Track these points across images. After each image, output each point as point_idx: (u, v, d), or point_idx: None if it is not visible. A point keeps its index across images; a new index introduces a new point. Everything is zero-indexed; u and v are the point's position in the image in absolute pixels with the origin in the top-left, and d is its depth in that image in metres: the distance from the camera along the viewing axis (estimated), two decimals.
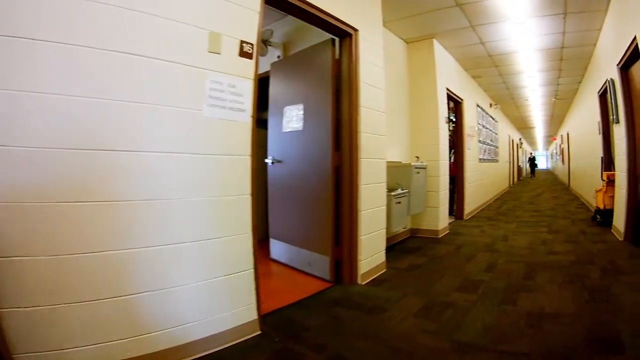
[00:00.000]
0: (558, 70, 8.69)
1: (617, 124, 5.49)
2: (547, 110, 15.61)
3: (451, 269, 4.35)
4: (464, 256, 4.93)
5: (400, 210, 5.06)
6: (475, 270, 4.26)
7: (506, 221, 7.69)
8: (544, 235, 6.00)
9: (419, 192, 5.59)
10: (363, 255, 3.89)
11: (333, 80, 3.90)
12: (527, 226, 7.00)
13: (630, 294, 3.24)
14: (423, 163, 5.84)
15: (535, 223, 7.29)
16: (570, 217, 7.94)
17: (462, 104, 7.92)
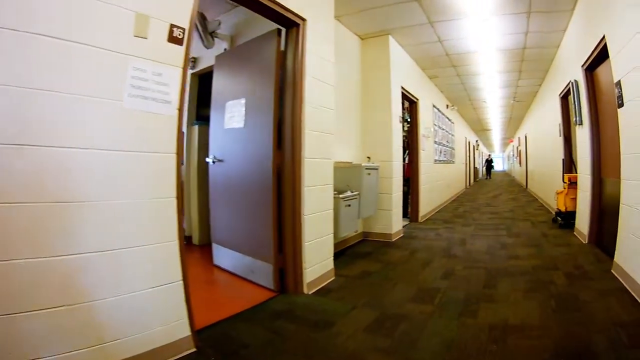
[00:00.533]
0: (518, 72, 8.85)
1: (579, 126, 5.58)
2: (505, 113, 16.07)
3: (405, 277, 4.19)
4: (419, 262, 4.79)
5: (350, 214, 4.90)
6: (432, 277, 4.11)
7: (463, 224, 7.69)
8: (504, 239, 5.98)
9: (370, 194, 5.46)
10: (308, 263, 3.68)
11: (277, 73, 3.67)
12: (485, 229, 6.99)
13: (601, 301, 3.16)
14: (375, 164, 5.72)
15: (494, 226, 7.33)
16: (530, 219, 8.09)
17: (417, 104, 7.91)
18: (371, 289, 3.80)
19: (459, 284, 3.86)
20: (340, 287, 3.85)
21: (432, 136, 9.39)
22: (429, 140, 8.94)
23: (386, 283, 3.96)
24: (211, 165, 4.53)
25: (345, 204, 4.76)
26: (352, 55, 6.10)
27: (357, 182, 5.16)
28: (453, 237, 6.23)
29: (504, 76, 9.39)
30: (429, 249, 5.41)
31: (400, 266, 4.63)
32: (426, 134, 8.46)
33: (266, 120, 3.70)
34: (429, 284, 3.87)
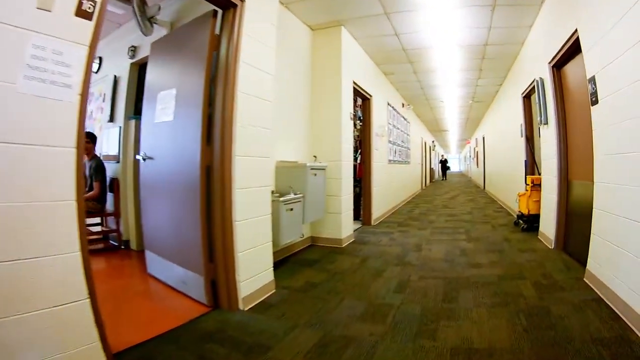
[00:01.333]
0: (479, 70, 8.89)
1: (545, 126, 5.55)
2: (463, 113, 16.38)
3: (354, 289, 3.90)
4: (370, 271, 4.51)
5: (293, 219, 4.63)
6: (384, 290, 3.82)
7: (419, 227, 7.54)
8: (463, 244, 5.81)
9: (316, 196, 5.22)
10: (243, 275, 3.37)
11: (209, 59, 3.36)
12: (442, 233, 6.83)
13: (577, 316, 2.96)
14: (322, 163, 5.48)
15: (452, 229, 7.20)
16: (490, 221, 8.05)
17: (370, 101, 7.76)
18: (315, 304, 3.48)
19: (414, 297, 3.58)
20: (281, 302, 3.55)
21: (387, 135, 9.31)
22: (383, 139, 8.84)
23: (332, 297, 3.66)
24: (142, 163, 4.19)
25: (287, 208, 4.49)
26: (301, 47, 5.84)
27: (301, 183, 4.90)
28: (408, 242, 6.03)
29: (463, 75, 9.43)
30: (382, 256, 5.19)
31: (349, 276, 4.36)
32: (380, 133, 8.33)
33: (195, 113, 3.37)
34: (380, 298, 3.58)
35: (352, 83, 6.39)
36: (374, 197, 7.81)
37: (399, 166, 11.42)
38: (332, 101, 5.92)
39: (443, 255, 5.12)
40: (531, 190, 6.34)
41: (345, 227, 5.97)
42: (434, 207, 11.25)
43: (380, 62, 8.28)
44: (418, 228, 7.41)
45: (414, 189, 15.34)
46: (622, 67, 2.90)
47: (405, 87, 10.96)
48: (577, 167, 4.65)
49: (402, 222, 8.17)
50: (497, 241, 5.94)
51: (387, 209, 9.36)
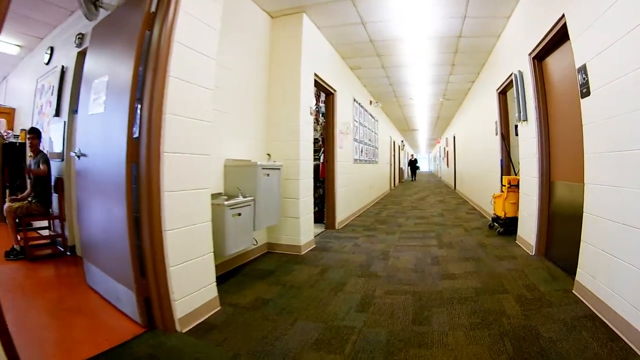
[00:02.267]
0: (451, 65, 8.63)
1: (523, 122, 5.32)
2: (434, 112, 16.27)
3: (310, 307, 3.46)
4: (330, 284, 4.06)
5: (241, 225, 4.21)
6: (344, 308, 3.40)
7: (387, 231, 7.19)
8: (435, 250, 5.46)
9: (269, 199, 4.81)
10: (178, 293, 2.95)
11: (140, 40, 2.95)
12: (412, 238, 6.47)
13: (571, 338, 2.62)
14: (276, 163, 5.05)
15: (422, 233, 6.86)
16: (463, 224, 7.76)
17: (334, 96, 7.41)
18: (264, 326, 3.06)
19: (379, 318, 3.16)
20: (224, 323, 3.12)
21: (352, 133, 8.98)
22: (348, 137, 8.50)
23: (284, 317, 3.23)
24: (76, 160, 3.83)
25: (233, 213, 4.06)
26: (259, 35, 5.44)
27: (251, 185, 4.48)
28: (374, 249, 5.66)
29: (434, 70, 9.17)
30: (345, 265, 4.79)
31: (306, 291, 3.93)
32: (344, 130, 7.99)
33: (124, 102, 2.95)
34: (339, 320, 3.16)
35: (313, 75, 6.01)
36: (338, 199, 7.46)
37: (366, 166, 11.13)
38: (290, 94, 5.52)
39: (412, 265, 4.75)
40: (507, 192, 6.11)
41: (304, 233, 5.58)
42: (402, 208, 10.97)
43: (347, 56, 7.94)
44: (386, 232, 7.07)
45: (382, 190, 15.12)
46: (622, 51, 2.62)
47: (374, 84, 10.66)
48: (560, 166, 4.43)
49: (368, 226, 7.83)
50: (472, 247, 5.62)
51: (353, 211, 9.05)
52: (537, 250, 4.86)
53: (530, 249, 5.03)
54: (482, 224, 7.57)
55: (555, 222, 4.58)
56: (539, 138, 4.75)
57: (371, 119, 12.13)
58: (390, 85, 10.82)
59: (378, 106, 12.82)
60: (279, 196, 5.08)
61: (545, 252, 4.78)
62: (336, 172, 7.34)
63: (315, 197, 7.98)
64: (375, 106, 12.57)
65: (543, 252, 4.80)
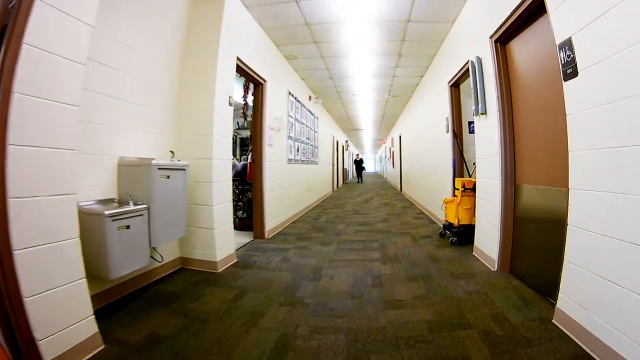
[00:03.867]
0: (397, 55, 8.12)
1: (482, 116, 4.83)
2: (379, 110, 15.88)
3: (212, 351, 2.72)
4: (244, 316, 3.32)
5: (130, 240, 3.43)
6: (255, 355, 2.67)
7: (323, 241, 6.48)
8: (377, 267, 4.77)
9: (171, 207, 4.05)
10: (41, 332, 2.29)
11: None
12: (351, 250, 5.78)
13: None
14: (179, 162, 4.28)
15: (363, 243, 6.20)
16: (410, 231, 7.16)
17: (264, 87, 6.67)
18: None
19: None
20: None
21: (286, 130, 8.25)
22: (281, 134, 7.79)
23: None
24: None
25: (119, 226, 3.29)
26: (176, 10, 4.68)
27: (145, 189, 3.71)
28: (305, 265, 4.94)
29: (379, 61, 8.62)
30: (267, 288, 4.05)
31: (213, 325, 3.18)
32: (276, 126, 7.24)
33: None
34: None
35: (235, 60, 5.27)
36: (267, 204, 6.74)
37: (304, 166, 10.48)
38: (204, 80, 4.75)
39: (349, 287, 4.05)
40: (461, 196, 5.58)
41: (221, 247, 4.83)
42: (344, 212, 10.38)
43: (281, 42, 7.24)
44: (321, 242, 6.38)
45: (323, 192, 14.55)
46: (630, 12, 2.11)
47: (313, 76, 10.02)
48: (528, 167, 3.95)
49: (303, 234, 7.14)
50: (421, 261, 4.98)
51: (288, 216, 8.39)
52: (500, 265, 4.36)
53: (491, 264, 4.52)
54: (432, 231, 7.05)
55: (522, 233, 4.10)
56: (502, 134, 4.28)
57: (310, 115, 11.50)
58: (330, 79, 10.22)
59: (319, 102, 12.18)
60: (185, 203, 4.31)
61: (510, 267, 4.29)
62: (264, 174, 6.62)
63: (244, 202, 7.25)
64: (316, 102, 11.94)
65: (507, 267, 4.31)
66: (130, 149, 3.93)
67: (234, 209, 7.46)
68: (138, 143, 4.08)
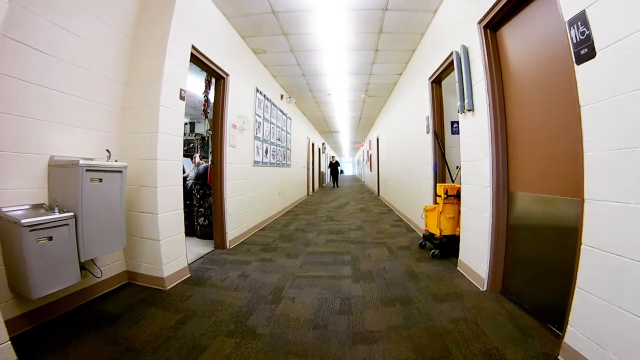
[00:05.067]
0: (374, 50, 7.71)
1: (468, 113, 4.42)
2: (356, 111, 15.56)
3: None
4: (183, 349, 2.82)
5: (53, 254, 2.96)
6: None
7: (289, 252, 5.95)
8: (348, 286, 4.26)
9: (104, 215, 3.52)
10: None
11: None
12: (319, 263, 5.26)
13: None
14: (116, 163, 3.74)
15: (334, 256, 5.67)
16: (386, 241, 6.65)
17: (225, 81, 6.19)
18: None
19: None
20: None
21: (252, 130, 7.72)
22: (246, 134, 7.27)
23: None
24: None
25: (39, 237, 2.83)
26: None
27: (72, 194, 3.21)
28: (265, 282, 4.43)
29: (355, 57, 8.20)
30: (216, 312, 3.55)
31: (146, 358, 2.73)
32: (239, 125, 6.68)
33: None
34: None
35: (190, 48, 4.77)
36: (229, 211, 6.24)
37: (273, 169, 9.98)
38: (150, 69, 4.25)
39: (312, 312, 3.54)
40: (444, 204, 5.08)
41: (170, 260, 4.32)
42: (316, 219, 9.85)
43: (247, 34, 6.76)
44: (287, 254, 5.85)
45: (297, 196, 14.10)
46: None
47: (284, 73, 9.57)
48: (524, 172, 3.54)
49: (269, 244, 6.61)
50: (399, 279, 4.47)
51: (254, 223, 7.89)
52: (490, 285, 3.93)
53: (479, 282, 4.09)
54: (410, 242, 6.58)
55: (517, 248, 3.66)
56: (493, 133, 3.86)
57: (282, 115, 11.00)
58: (303, 77, 9.77)
59: (291, 102, 11.73)
60: (122, 210, 3.77)
61: (502, 286, 3.87)
62: (225, 177, 6.10)
63: (205, 207, 6.66)
64: (288, 102, 11.48)
65: (499, 286, 3.89)
66: (68, 148, 3.48)
67: (195, 215, 6.88)
68: (77, 141, 3.62)
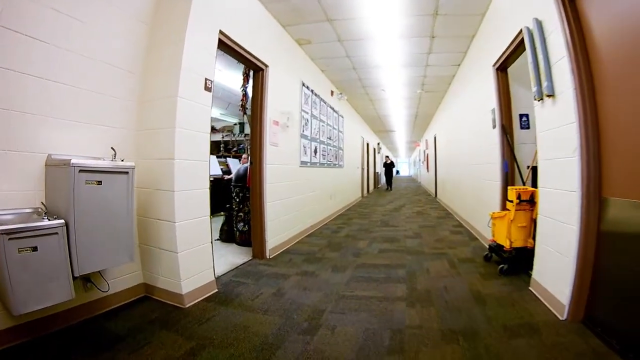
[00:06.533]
0: (430, 37, 6.88)
1: (547, 100, 3.58)
2: (411, 108, 14.69)
3: None
4: None
5: (38, 267, 2.54)
6: None
7: (336, 264, 5.22)
8: (401, 311, 3.49)
9: (104, 223, 2.99)
10: None
11: None
12: (369, 280, 4.46)
13: None
14: (121, 163, 3.18)
15: (387, 270, 4.86)
16: (447, 252, 5.82)
17: (265, 73, 5.61)
18: None
19: None
20: None
21: (298, 127, 7.13)
22: (291, 132, 6.69)
23: None
24: None
25: (21, 247, 2.42)
26: None
27: (64, 198, 2.75)
28: (302, 303, 3.73)
29: (408, 45, 7.38)
30: (237, 341, 2.93)
31: None
32: (283, 122, 6.11)
33: None
34: None
35: (217, 34, 4.21)
36: (269, 217, 5.65)
37: (324, 170, 9.39)
38: (169, 57, 3.72)
39: (354, 349, 2.79)
40: (516, 211, 4.24)
41: (190, 276, 3.76)
42: (370, 224, 9.11)
43: (287, 21, 6.17)
44: (333, 266, 5.14)
45: (350, 198, 13.51)
46: None
47: (333, 67, 8.91)
48: (624, 173, 2.68)
49: (313, 254, 5.94)
50: (462, 302, 3.67)
51: (302, 228, 7.32)
52: (571, 312, 3.10)
53: (558, 309, 3.26)
54: (473, 252, 5.71)
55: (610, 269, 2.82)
56: (582, 123, 2.99)
57: (333, 113, 10.40)
58: (354, 70, 9.07)
59: (343, 99, 11.09)
60: (130, 218, 3.23)
61: (584, 314, 3.03)
62: (264, 179, 5.52)
63: (245, 212, 6.12)
64: (340, 98, 10.85)
65: (581, 313, 3.04)
66: (70, 146, 3.10)
67: (234, 220, 6.37)
68: (82, 139, 3.23)
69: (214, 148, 15.86)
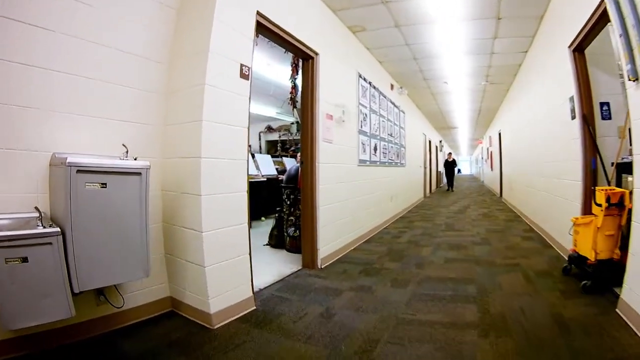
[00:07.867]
0: (495, 18, 6.03)
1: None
2: (475, 103, 13.77)
3: None
4: None
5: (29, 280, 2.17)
6: None
7: (396, 278, 4.54)
8: (472, 344, 2.76)
9: (112, 232, 2.53)
10: None
11: None
12: (433, 298, 3.77)
13: None
14: (132, 162, 2.69)
15: (454, 286, 4.15)
16: (520, 262, 4.98)
17: (315, 62, 5.01)
18: None
19: None
20: None
21: (356, 122, 6.51)
22: (347, 127, 6.06)
23: None
24: None
25: (7, 257, 2.07)
26: None
27: (61, 202, 2.38)
28: (353, 328, 3.09)
29: (472, 29, 6.55)
30: None
31: None
32: (338, 116, 5.50)
33: None
34: None
35: (253, 15, 3.63)
36: (322, 222, 5.03)
37: (385, 170, 8.68)
38: (197, 41, 3.21)
39: None
40: (604, 216, 3.46)
41: (221, 292, 3.21)
42: (433, 228, 8.32)
43: (337, 5, 5.57)
44: (393, 280, 4.46)
45: (412, 199, 12.74)
46: None
47: (391, 57, 8.18)
48: None
49: (371, 263, 5.25)
50: (543, 330, 2.93)
51: (359, 234, 6.66)
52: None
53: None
54: (549, 263, 4.86)
55: None
56: None
57: (394, 108, 9.72)
58: (414, 60, 8.33)
59: (403, 93, 10.37)
60: (144, 226, 2.70)
61: None
62: (317, 180, 4.91)
63: (295, 216, 5.60)
64: (400, 93, 10.15)
65: None
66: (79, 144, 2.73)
67: (285, 224, 5.83)
68: (94, 135, 2.83)
69: (271, 147, 15.69)
